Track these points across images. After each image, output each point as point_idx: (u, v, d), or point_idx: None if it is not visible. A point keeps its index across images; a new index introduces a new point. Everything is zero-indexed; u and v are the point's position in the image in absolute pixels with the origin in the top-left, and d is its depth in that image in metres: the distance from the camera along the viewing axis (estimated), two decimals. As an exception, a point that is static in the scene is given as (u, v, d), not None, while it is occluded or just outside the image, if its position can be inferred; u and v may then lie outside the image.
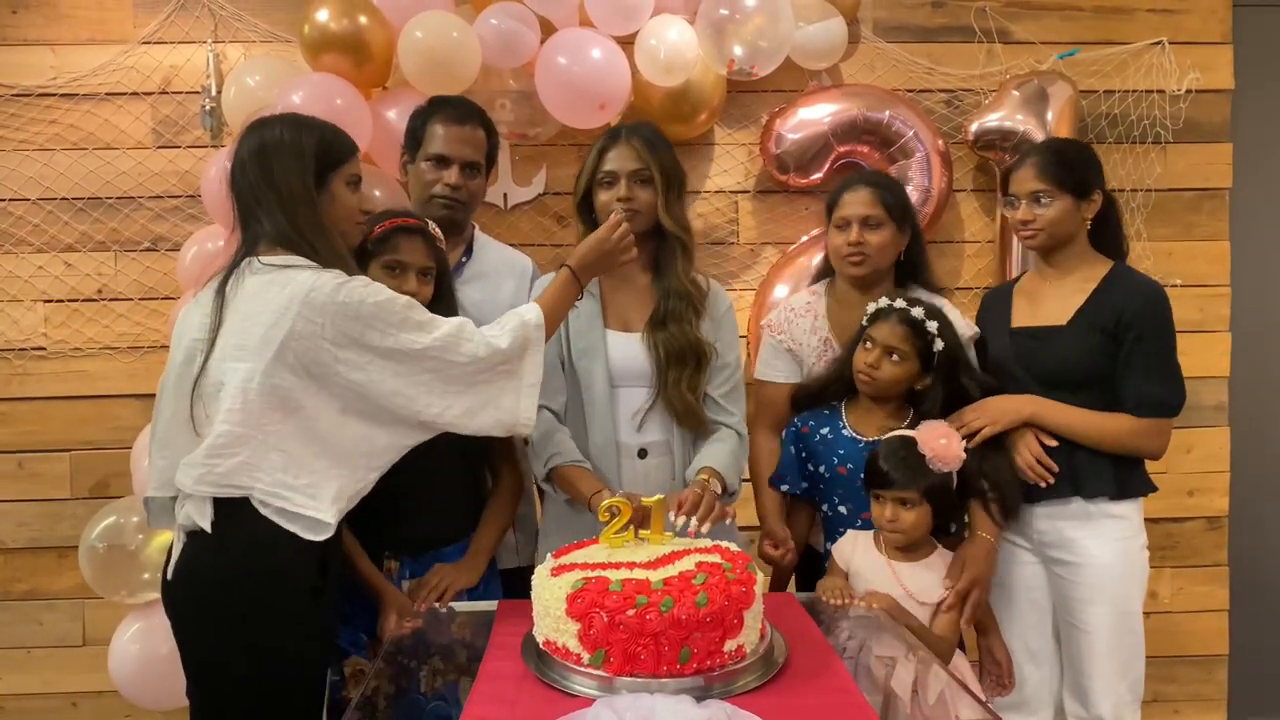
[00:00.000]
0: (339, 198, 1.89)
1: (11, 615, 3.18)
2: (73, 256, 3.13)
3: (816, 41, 3.05)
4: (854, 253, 2.33)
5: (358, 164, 1.95)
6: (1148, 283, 2.30)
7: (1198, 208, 3.34)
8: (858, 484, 2.17)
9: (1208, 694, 3.43)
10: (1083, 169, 2.29)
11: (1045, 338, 2.29)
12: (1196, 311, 3.33)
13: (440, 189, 2.36)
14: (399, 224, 2.12)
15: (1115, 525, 2.25)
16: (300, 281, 1.74)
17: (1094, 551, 2.24)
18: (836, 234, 2.37)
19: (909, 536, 2.04)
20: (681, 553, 1.63)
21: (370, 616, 2.11)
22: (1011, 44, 3.24)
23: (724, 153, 3.24)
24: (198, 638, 1.79)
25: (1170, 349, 2.26)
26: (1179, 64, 3.21)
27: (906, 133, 3.02)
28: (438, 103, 2.45)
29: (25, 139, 3.10)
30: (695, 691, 1.40)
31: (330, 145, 1.89)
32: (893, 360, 2.17)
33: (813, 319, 2.45)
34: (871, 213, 2.32)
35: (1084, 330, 2.24)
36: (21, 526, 3.15)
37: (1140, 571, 2.29)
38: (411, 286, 2.10)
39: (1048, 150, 2.33)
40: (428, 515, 2.12)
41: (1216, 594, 3.41)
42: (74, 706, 3.21)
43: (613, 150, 2.20)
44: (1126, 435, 2.22)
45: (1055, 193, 2.25)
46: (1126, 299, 2.23)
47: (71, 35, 3.11)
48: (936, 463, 2.04)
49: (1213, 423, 3.37)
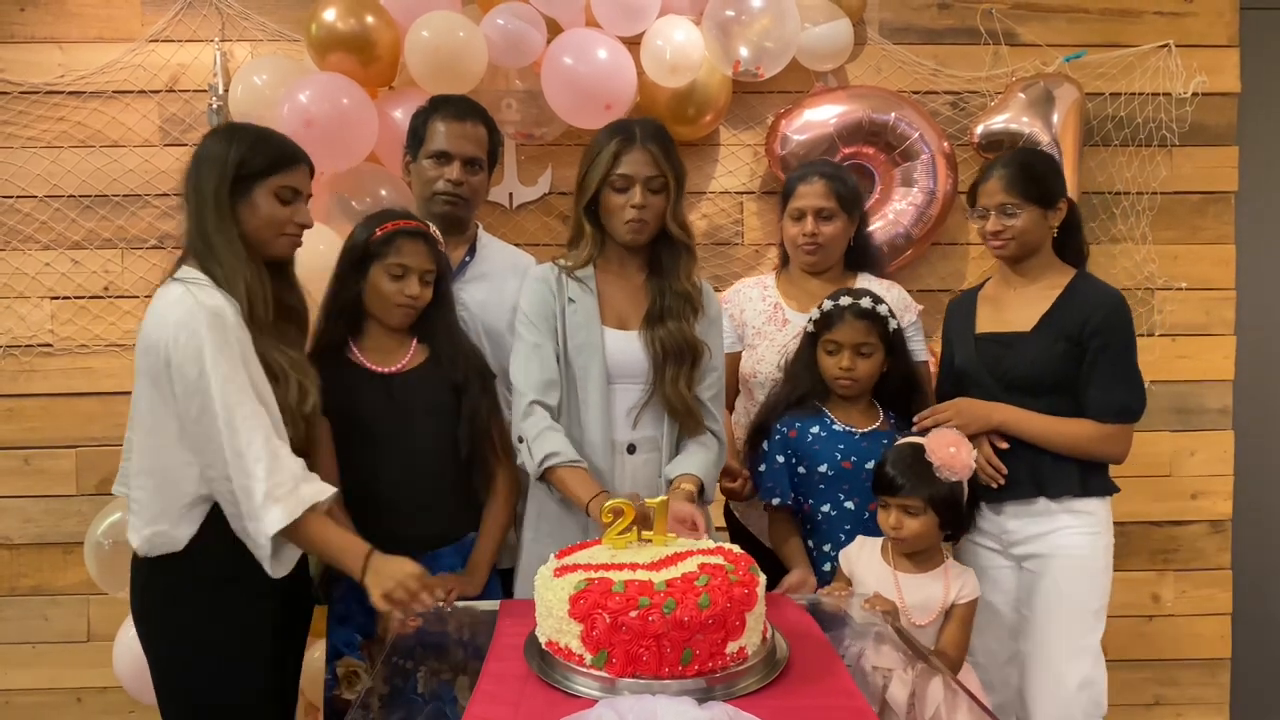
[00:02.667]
0: (260, 208, 1.91)
1: (17, 611, 3.19)
2: (79, 254, 3.14)
3: (822, 43, 3.05)
4: (808, 243, 2.47)
5: (296, 176, 1.95)
6: (1110, 291, 2.33)
7: (1203, 211, 3.34)
8: (863, 476, 2.16)
9: (1210, 697, 3.43)
10: (1049, 180, 2.32)
11: (1010, 344, 2.32)
12: (1202, 315, 3.33)
13: (442, 185, 2.37)
14: (402, 226, 2.13)
15: (1081, 520, 2.28)
16: (153, 310, 1.85)
17: (1059, 542, 2.28)
18: (791, 224, 2.50)
19: (913, 545, 2.02)
20: (684, 554, 1.63)
21: (365, 617, 2.12)
22: (1018, 46, 3.24)
23: (729, 154, 3.24)
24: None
25: (1132, 355, 2.29)
26: (1185, 67, 3.22)
27: (912, 134, 3.02)
28: (438, 101, 2.46)
29: (33, 136, 3.11)
30: (697, 693, 1.40)
31: (256, 155, 1.91)
32: (864, 356, 2.21)
33: (761, 289, 2.61)
34: (825, 204, 2.45)
35: (1048, 337, 2.28)
36: (28, 523, 3.16)
37: (1104, 571, 2.31)
38: (414, 290, 2.11)
39: (1014, 163, 2.35)
40: (421, 517, 2.13)
41: (1219, 597, 3.41)
42: (79, 702, 3.22)
43: (628, 155, 2.13)
44: (1091, 441, 2.26)
45: (1023, 204, 2.28)
46: (1091, 307, 2.26)
47: (79, 33, 3.12)
48: (944, 471, 2.00)
49: (1217, 426, 3.37)
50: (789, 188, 2.53)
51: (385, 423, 2.12)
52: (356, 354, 2.16)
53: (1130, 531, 3.31)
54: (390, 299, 2.11)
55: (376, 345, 2.18)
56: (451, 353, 2.19)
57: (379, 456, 2.12)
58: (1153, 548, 3.38)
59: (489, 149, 2.46)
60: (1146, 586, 3.39)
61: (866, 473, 2.16)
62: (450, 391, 2.16)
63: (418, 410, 2.14)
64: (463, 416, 2.16)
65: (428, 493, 2.14)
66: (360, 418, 2.11)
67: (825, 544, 2.22)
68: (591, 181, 2.15)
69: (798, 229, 2.48)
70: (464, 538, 2.20)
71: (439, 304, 2.20)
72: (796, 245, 2.50)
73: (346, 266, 2.16)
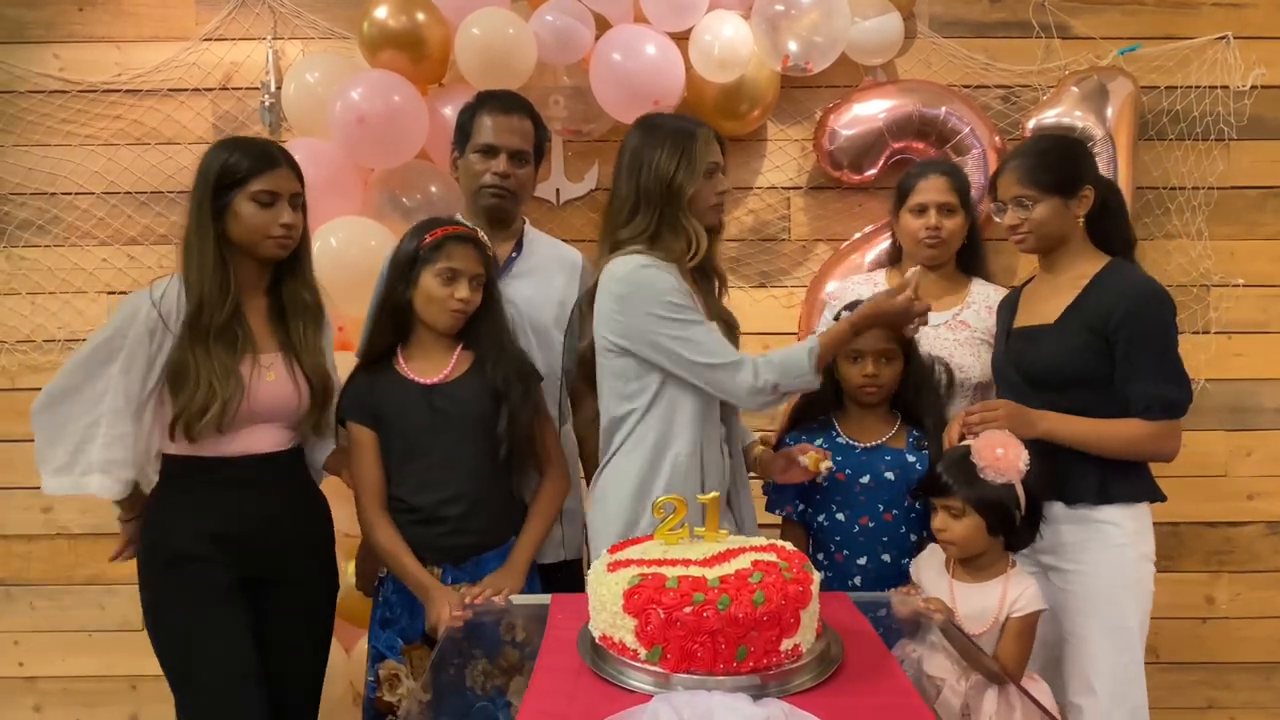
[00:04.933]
0: (241, 216, 2.02)
1: (75, 600, 3.26)
2: (135, 249, 3.20)
3: (872, 37, 3.03)
4: (931, 236, 2.47)
5: (273, 179, 2.03)
6: (1141, 280, 2.16)
7: (1262, 206, 3.27)
8: (856, 489, 2.20)
9: (1265, 701, 3.36)
10: (1067, 167, 2.19)
11: (1034, 337, 2.22)
12: (1259, 312, 3.27)
13: (489, 178, 2.38)
14: (451, 232, 2.15)
15: (1101, 532, 2.12)
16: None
17: (1080, 558, 2.14)
18: (912, 218, 2.51)
19: (963, 550, 1.96)
20: (736, 550, 1.63)
21: (408, 621, 2.15)
22: (1070, 39, 3.19)
23: (777, 149, 3.23)
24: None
25: (1169, 347, 2.13)
26: (1243, 59, 3.15)
27: (962, 129, 2.99)
28: (484, 96, 2.47)
29: (90, 134, 3.17)
30: (752, 690, 1.40)
31: (232, 165, 2.01)
32: (887, 364, 2.23)
33: (872, 286, 2.58)
34: (948, 199, 2.48)
35: (1071, 329, 2.15)
36: (85, 513, 3.22)
37: (1134, 585, 2.12)
38: (464, 294, 2.12)
39: (1029, 152, 2.23)
40: (467, 523, 2.14)
41: (1276, 600, 3.34)
42: (133, 689, 3.29)
43: (716, 144, 2.17)
44: (1139, 441, 2.11)
45: (1039, 196, 2.16)
46: (1117, 298, 2.12)
47: (135, 32, 3.18)
48: (990, 473, 1.93)
49: (1274, 425, 3.30)
50: (908, 184, 2.54)
51: (427, 434, 2.14)
52: (402, 364, 2.18)
53: (1184, 532, 3.26)
54: (442, 303, 2.13)
55: (423, 354, 2.19)
56: (496, 358, 2.19)
57: (422, 467, 2.14)
58: (1207, 549, 3.32)
59: (535, 142, 2.46)
60: (1200, 588, 3.33)
61: (861, 486, 2.20)
62: (492, 399, 2.16)
63: (458, 421, 2.14)
64: (501, 423, 2.16)
65: (470, 501, 2.14)
66: (404, 429, 2.14)
67: (819, 553, 2.27)
68: (684, 175, 2.10)
69: (920, 222, 2.49)
70: (507, 543, 2.20)
71: (487, 309, 2.21)
72: (918, 239, 2.50)
73: (396, 274, 2.17)
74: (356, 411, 2.16)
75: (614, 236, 2.15)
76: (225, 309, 2.01)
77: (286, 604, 2.14)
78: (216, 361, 2.00)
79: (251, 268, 2.10)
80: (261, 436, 2.10)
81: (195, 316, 2.00)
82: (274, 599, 2.12)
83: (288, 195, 2.05)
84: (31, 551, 3.25)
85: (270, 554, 2.11)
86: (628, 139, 2.18)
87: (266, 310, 2.14)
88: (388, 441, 2.16)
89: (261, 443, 2.10)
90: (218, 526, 2.06)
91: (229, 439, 2.06)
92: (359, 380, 2.19)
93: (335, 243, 2.74)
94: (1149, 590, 2.15)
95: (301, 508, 2.19)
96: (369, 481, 2.16)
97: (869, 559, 2.22)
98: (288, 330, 2.14)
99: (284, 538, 2.12)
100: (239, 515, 2.07)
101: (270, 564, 2.11)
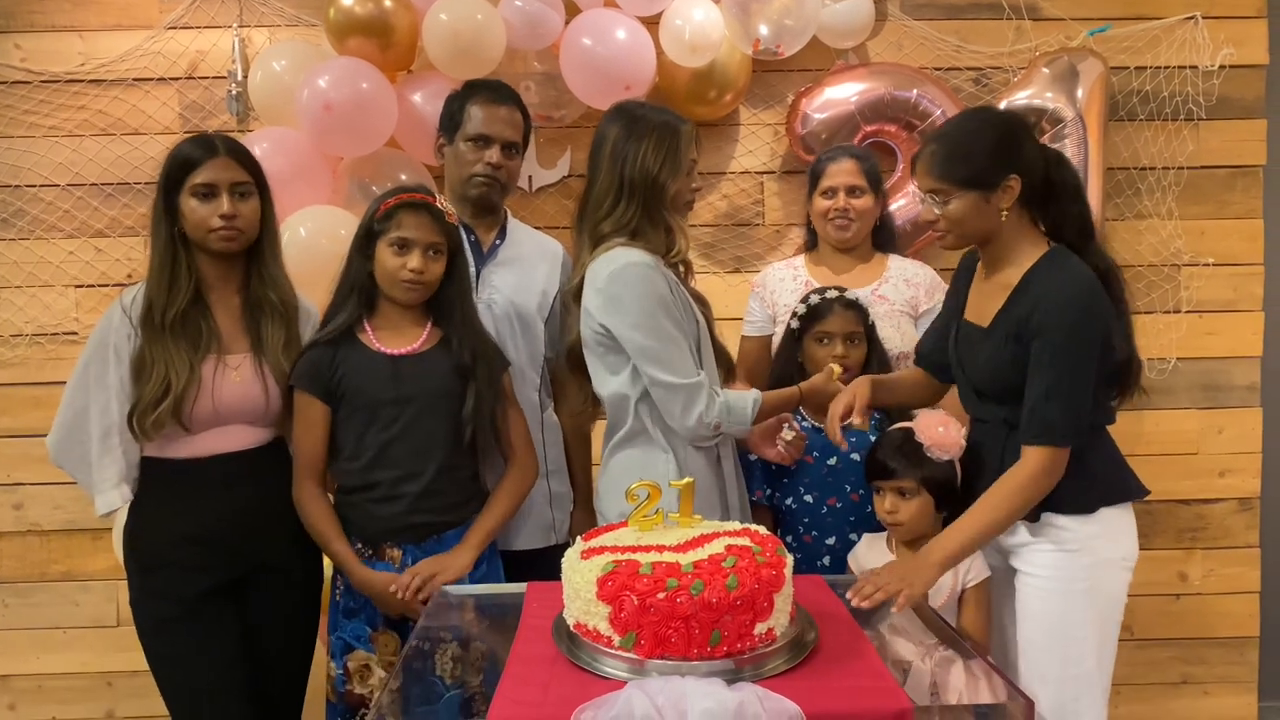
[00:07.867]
0: (187, 213, 2.05)
1: (48, 596, 3.23)
2: (102, 242, 3.15)
3: (843, 20, 3.02)
4: (840, 216, 2.58)
5: (206, 171, 2.03)
6: (1062, 283, 1.86)
7: (1231, 185, 3.29)
8: (823, 471, 2.25)
9: (1238, 675, 3.40)
10: (982, 158, 1.88)
11: (973, 342, 2.02)
12: (1230, 291, 3.29)
13: (481, 168, 2.38)
14: (404, 200, 2.11)
15: (1054, 535, 1.91)
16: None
17: (1031, 560, 1.94)
18: (823, 201, 2.61)
19: (911, 529, 2.01)
20: (710, 535, 1.63)
21: (372, 609, 2.14)
22: (1041, 20, 3.19)
23: (749, 133, 3.22)
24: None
25: (1071, 365, 1.82)
26: (1212, 39, 3.16)
27: (934, 111, 2.99)
28: (474, 85, 2.47)
29: (54, 125, 3.12)
30: (726, 674, 1.41)
31: (175, 162, 2.04)
32: (854, 345, 2.33)
33: (792, 270, 2.71)
34: (856, 182, 2.58)
35: (998, 339, 1.92)
36: (57, 509, 3.19)
37: (1088, 591, 1.89)
38: (416, 263, 2.08)
39: (941, 140, 1.94)
40: (424, 501, 2.12)
41: (1248, 575, 3.38)
42: (109, 686, 3.26)
43: (694, 142, 2.18)
44: (1025, 491, 1.85)
45: (953, 190, 1.89)
46: (1034, 304, 1.85)
47: (99, 21, 3.12)
48: (935, 451, 2.00)
49: (1245, 403, 3.33)
50: (818, 169, 2.64)
51: (390, 406, 2.11)
52: (368, 334, 2.14)
53: (1156, 510, 3.29)
54: (394, 274, 2.09)
55: (391, 326, 2.16)
56: (462, 333, 2.16)
57: (383, 440, 2.11)
58: (1180, 526, 3.35)
59: (524, 133, 2.48)
60: (1174, 565, 3.36)
61: (829, 468, 2.25)
62: (458, 376, 2.14)
63: (423, 394, 2.12)
64: (468, 405, 2.13)
65: (433, 477, 2.12)
66: (366, 399, 2.10)
67: (787, 535, 2.32)
68: (669, 171, 2.11)
69: (829, 204, 2.60)
70: (469, 522, 2.18)
71: (452, 281, 2.17)
72: (828, 220, 2.61)
73: (354, 248, 2.15)
74: (308, 381, 2.11)
75: (596, 227, 2.13)
76: (176, 305, 2.02)
77: (271, 596, 2.14)
78: (174, 355, 2.00)
79: (216, 264, 2.09)
80: (233, 436, 2.10)
81: (147, 312, 2.02)
82: (258, 593, 2.12)
83: (227, 185, 2.03)
84: (3, 549, 3.21)
85: (250, 551, 2.10)
86: (606, 127, 2.16)
87: (240, 309, 2.13)
88: (348, 414, 2.12)
89: (233, 441, 2.10)
90: (192, 529, 2.05)
91: (198, 439, 2.05)
92: (317, 352, 2.13)
93: (304, 232, 2.71)
94: (1112, 596, 1.94)
95: (282, 500, 2.15)
96: (308, 455, 2.12)
97: (838, 539, 2.26)
98: (259, 330, 2.12)
99: (264, 533, 2.12)
100: (214, 516, 2.07)
101: (251, 561, 2.11)
